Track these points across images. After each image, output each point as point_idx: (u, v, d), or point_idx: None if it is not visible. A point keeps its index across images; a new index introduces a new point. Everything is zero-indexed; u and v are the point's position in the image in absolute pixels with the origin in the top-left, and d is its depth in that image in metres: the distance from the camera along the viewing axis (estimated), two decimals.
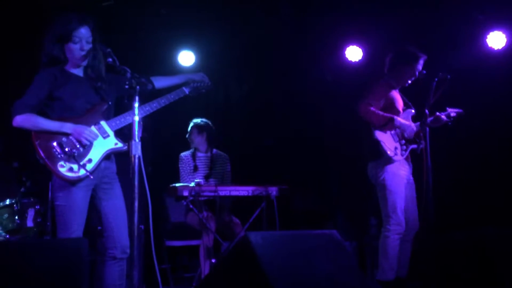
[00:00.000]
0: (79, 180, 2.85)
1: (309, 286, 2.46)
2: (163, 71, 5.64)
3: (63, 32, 2.90)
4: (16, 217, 4.24)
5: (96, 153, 2.91)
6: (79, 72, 3.03)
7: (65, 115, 2.92)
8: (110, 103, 3.03)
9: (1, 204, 4.31)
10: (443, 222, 3.98)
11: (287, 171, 5.69)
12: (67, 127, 2.86)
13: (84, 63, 2.98)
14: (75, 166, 2.83)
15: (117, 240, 2.96)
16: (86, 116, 2.95)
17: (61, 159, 2.82)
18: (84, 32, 2.92)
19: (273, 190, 4.41)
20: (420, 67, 3.96)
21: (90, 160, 2.88)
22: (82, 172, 2.83)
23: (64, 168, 2.81)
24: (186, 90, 3.31)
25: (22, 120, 2.85)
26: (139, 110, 2.94)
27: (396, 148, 3.88)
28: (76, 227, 2.87)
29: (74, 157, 2.83)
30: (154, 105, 3.08)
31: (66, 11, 2.99)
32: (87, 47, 2.93)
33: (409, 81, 4.00)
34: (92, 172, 2.86)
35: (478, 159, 5.06)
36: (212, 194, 4.28)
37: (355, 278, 2.66)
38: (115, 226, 2.97)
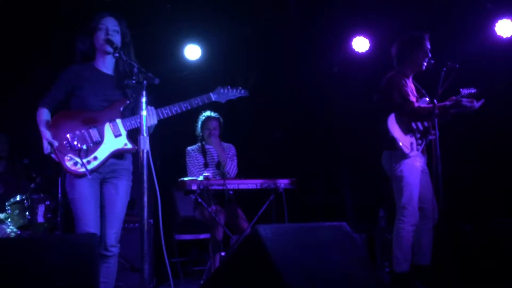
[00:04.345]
0: (80, 175, 2.87)
1: (319, 278, 2.46)
2: (169, 65, 5.69)
3: (91, 24, 2.99)
4: (27, 213, 4.27)
5: (103, 151, 2.92)
6: (107, 69, 3.05)
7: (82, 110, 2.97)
8: (131, 100, 3.02)
9: (12, 200, 4.35)
10: (454, 211, 3.97)
11: (296, 163, 5.68)
12: (44, 136, 2.90)
13: (109, 49, 2.96)
14: (79, 162, 2.85)
15: (103, 237, 2.96)
16: (104, 112, 2.96)
17: (69, 152, 2.85)
18: (109, 20, 3.00)
19: (282, 183, 4.40)
20: (429, 44, 3.94)
21: (95, 158, 2.90)
22: (83, 169, 2.85)
23: (70, 162, 2.85)
24: (213, 97, 3.22)
25: (37, 112, 2.98)
26: (158, 112, 2.97)
27: (411, 143, 3.86)
28: (87, 219, 2.88)
29: (80, 153, 2.85)
30: (174, 109, 3.04)
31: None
32: (113, 33, 2.97)
33: (425, 63, 3.94)
34: (93, 171, 2.88)
35: (488, 148, 5.02)
36: (220, 187, 4.29)
37: (365, 270, 2.66)
38: (105, 222, 2.97)
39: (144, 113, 2.64)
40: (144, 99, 2.65)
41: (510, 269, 3.90)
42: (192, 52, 5.74)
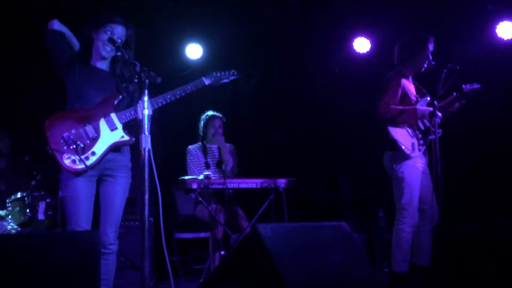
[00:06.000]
0: (78, 172, 2.88)
1: (319, 277, 2.47)
2: (171, 64, 5.70)
3: (97, 20, 2.99)
4: (28, 210, 4.29)
5: (101, 146, 2.93)
6: (102, 66, 3.05)
7: (76, 105, 2.97)
8: (124, 95, 3.03)
9: (13, 197, 4.36)
10: (453, 213, 3.97)
11: (296, 163, 5.69)
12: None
13: (110, 49, 2.98)
14: (77, 159, 2.86)
15: (101, 234, 2.93)
16: (98, 108, 2.97)
17: (67, 150, 2.86)
18: (117, 27, 2.98)
19: (282, 183, 4.41)
20: (432, 47, 3.91)
21: (93, 153, 2.91)
22: (82, 166, 2.86)
23: (68, 160, 2.86)
24: (206, 81, 3.16)
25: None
26: (152, 102, 2.92)
27: (413, 144, 3.84)
28: (78, 218, 2.88)
29: (77, 150, 2.86)
30: (168, 97, 3.02)
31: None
32: (116, 40, 2.96)
33: (425, 65, 3.92)
34: (92, 166, 2.89)
35: (488, 149, 5.03)
36: (220, 186, 4.29)
37: (364, 270, 2.67)
38: (102, 220, 2.98)
39: (146, 111, 2.65)
40: (146, 98, 2.66)
41: (509, 270, 3.91)
42: (194, 51, 5.75)
